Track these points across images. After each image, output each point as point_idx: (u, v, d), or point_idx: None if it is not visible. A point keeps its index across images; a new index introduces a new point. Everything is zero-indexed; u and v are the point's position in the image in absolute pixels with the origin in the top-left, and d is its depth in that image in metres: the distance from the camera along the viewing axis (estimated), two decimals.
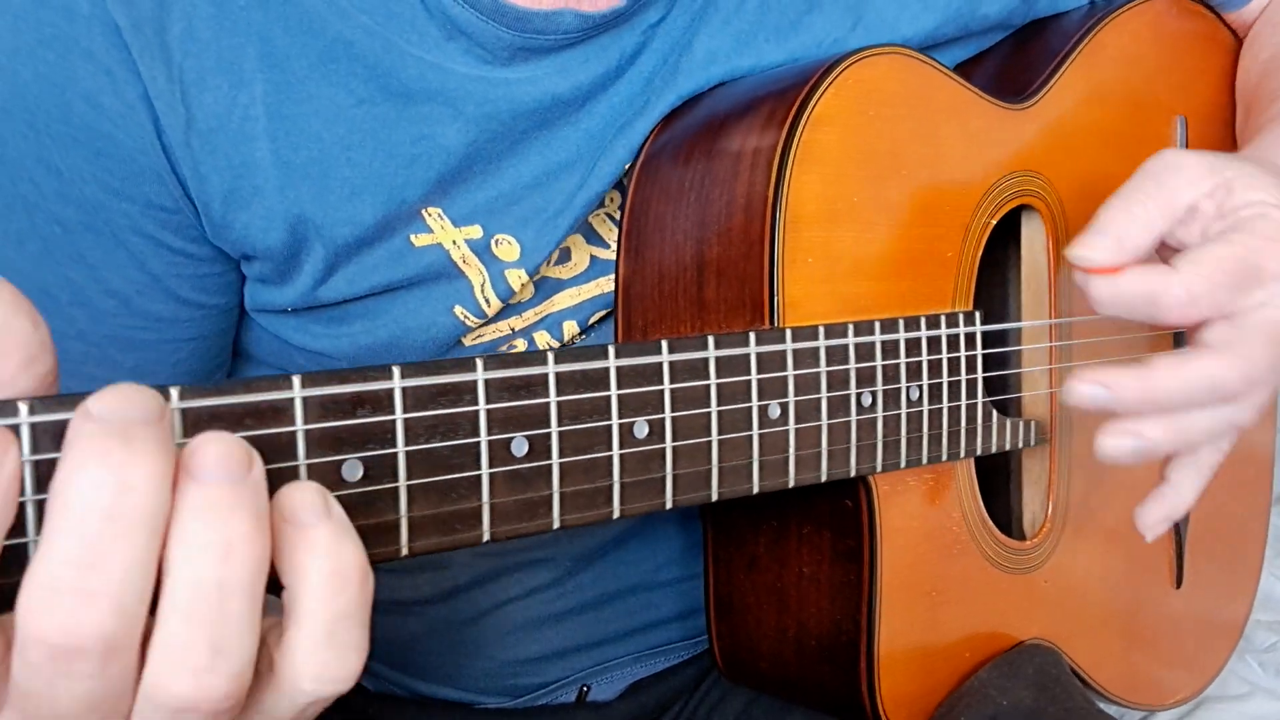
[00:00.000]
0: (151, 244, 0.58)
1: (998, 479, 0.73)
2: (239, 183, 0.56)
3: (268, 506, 0.33)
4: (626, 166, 0.63)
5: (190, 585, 0.31)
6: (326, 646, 0.33)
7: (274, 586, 0.34)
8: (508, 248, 0.61)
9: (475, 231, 0.61)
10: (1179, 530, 0.80)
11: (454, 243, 0.61)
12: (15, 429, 0.33)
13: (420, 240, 0.60)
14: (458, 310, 0.62)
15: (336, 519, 0.34)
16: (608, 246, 0.66)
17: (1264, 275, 0.53)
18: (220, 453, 0.32)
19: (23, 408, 0.33)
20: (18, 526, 0.33)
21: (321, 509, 0.34)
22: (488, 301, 0.62)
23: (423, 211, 0.60)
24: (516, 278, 0.62)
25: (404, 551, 0.41)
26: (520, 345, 0.66)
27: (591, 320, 0.67)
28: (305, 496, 0.34)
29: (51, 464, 0.32)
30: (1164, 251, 0.57)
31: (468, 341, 0.64)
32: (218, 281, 0.61)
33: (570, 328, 0.66)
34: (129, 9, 0.53)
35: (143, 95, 0.54)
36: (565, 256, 0.65)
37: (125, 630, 0.30)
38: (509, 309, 0.64)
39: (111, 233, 0.57)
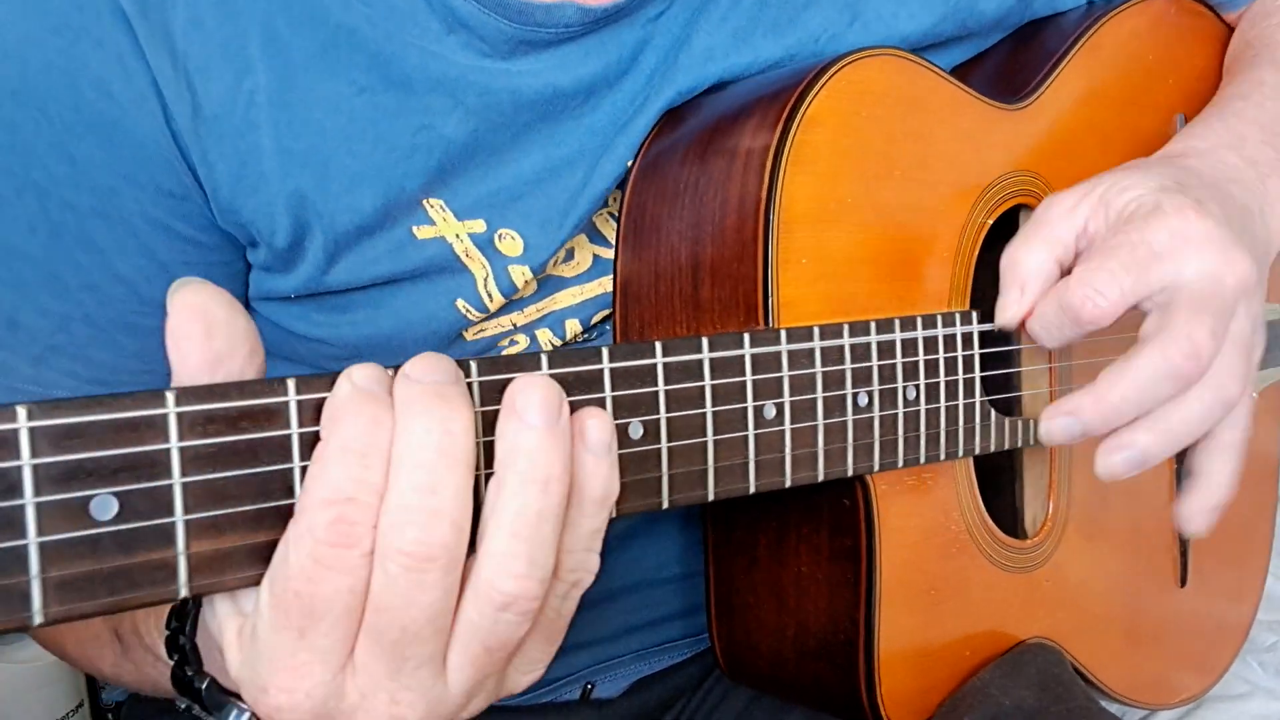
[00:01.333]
0: (161, 231, 0.58)
1: (999, 478, 0.73)
2: (244, 169, 0.57)
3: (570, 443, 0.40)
4: (629, 164, 0.63)
5: (516, 511, 0.38)
6: (586, 550, 0.42)
7: None
8: (511, 243, 0.62)
9: (479, 225, 0.61)
10: None
11: (457, 236, 0.61)
12: (15, 434, 0.33)
13: (423, 232, 0.61)
14: (459, 304, 0.63)
15: (614, 454, 0.42)
16: (610, 245, 0.66)
17: (1161, 252, 0.55)
18: (542, 398, 0.39)
19: (21, 412, 0.33)
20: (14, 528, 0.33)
21: (607, 444, 0.41)
22: (490, 296, 0.63)
23: (424, 202, 0.60)
24: (520, 274, 0.63)
25: None
26: (522, 341, 0.66)
27: (594, 320, 0.67)
28: (599, 431, 0.41)
29: (52, 467, 0.33)
30: None
31: (469, 335, 0.65)
32: (224, 270, 0.61)
33: (573, 326, 0.67)
34: None
35: (151, 82, 0.55)
36: (569, 255, 0.66)
37: (459, 542, 0.38)
38: (510, 304, 0.65)
39: (122, 219, 0.57)
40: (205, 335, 0.36)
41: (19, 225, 0.57)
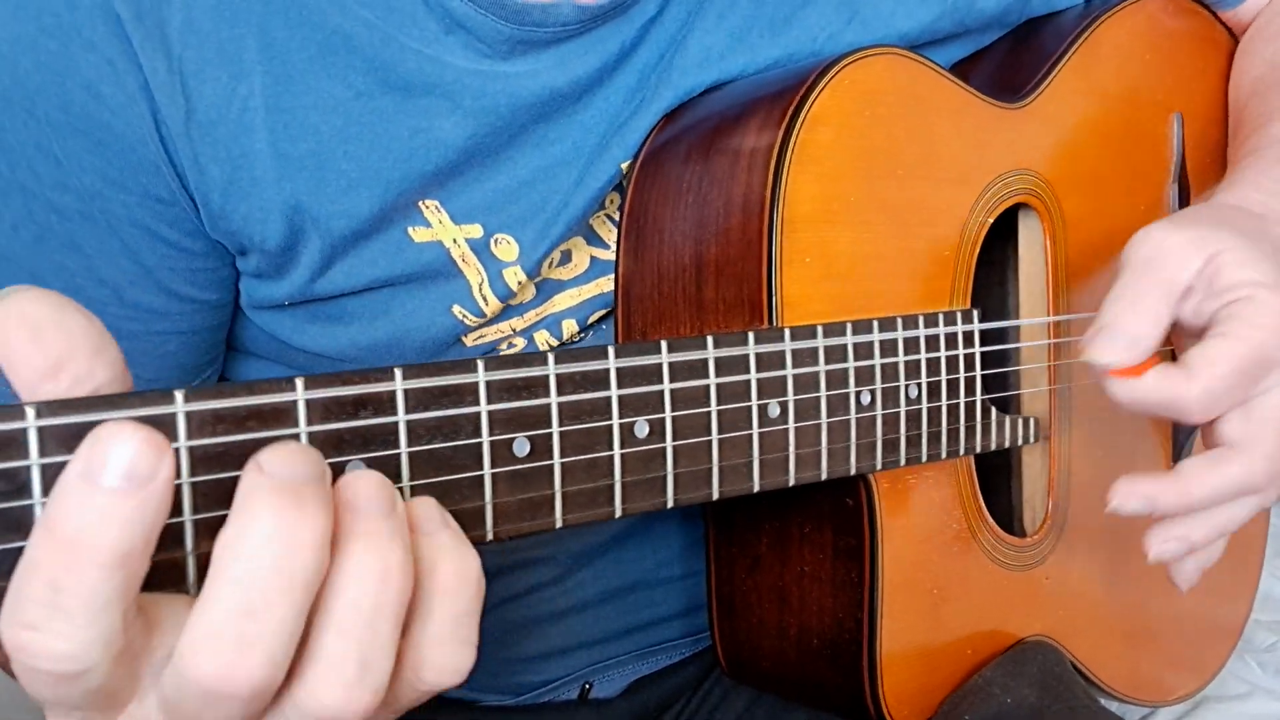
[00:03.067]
0: (146, 235, 0.58)
1: (998, 476, 0.73)
2: (237, 174, 0.57)
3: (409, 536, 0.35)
4: (623, 166, 0.63)
5: (350, 607, 0.33)
6: (451, 641, 0.36)
7: None
8: (507, 247, 0.62)
9: (475, 231, 0.61)
10: None
11: (454, 241, 0.61)
12: (24, 433, 0.33)
13: (419, 236, 0.60)
14: (456, 310, 0.63)
15: (453, 528, 0.37)
16: (608, 247, 0.66)
17: (1270, 364, 0.56)
18: (372, 487, 0.35)
19: (30, 411, 0.33)
20: (22, 529, 0.33)
21: (439, 519, 0.37)
22: (485, 301, 0.63)
23: (420, 204, 0.60)
24: (514, 277, 0.62)
25: None
26: (520, 344, 0.66)
27: (591, 319, 0.67)
28: (427, 509, 0.37)
29: (59, 468, 0.33)
30: None
31: (468, 342, 0.65)
32: (210, 277, 0.61)
33: (569, 326, 0.67)
34: (130, 0, 0.53)
35: (143, 86, 0.54)
36: (566, 258, 0.65)
37: (273, 678, 0.32)
38: (509, 310, 0.65)
39: (107, 222, 0.57)
40: (32, 338, 0.32)
41: (3, 225, 0.57)
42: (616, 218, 0.65)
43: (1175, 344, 0.61)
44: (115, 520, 0.30)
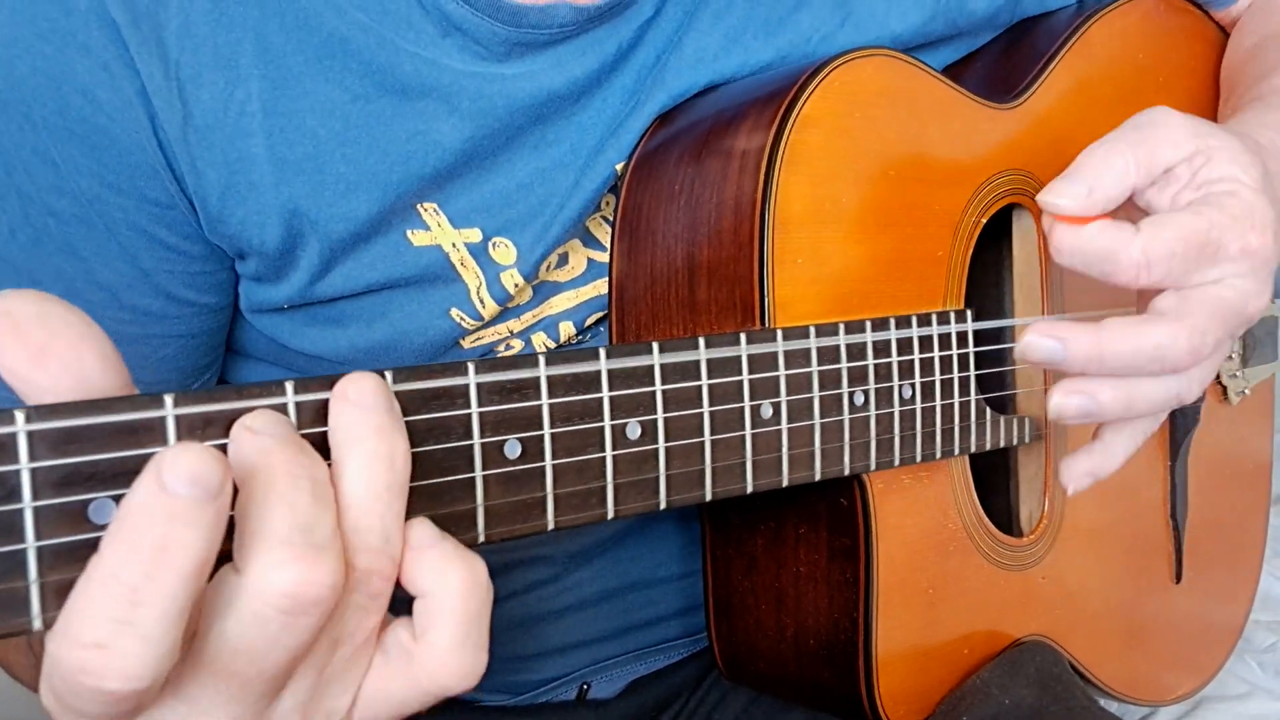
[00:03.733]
0: (144, 238, 0.58)
1: (994, 477, 0.73)
2: (235, 178, 0.57)
3: None
4: (619, 167, 0.63)
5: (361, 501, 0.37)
6: (464, 646, 0.38)
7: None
8: (504, 250, 0.62)
9: (474, 235, 0.61)
10: (1177, 526, 0.81)
11: (453, 245, 0.61)
12: (13, 438, 0.33)
13: (418, 239, 0.61)
14: (454, 313, 0.63)
15: (453, 540, 0.39)
16: (604, 249, 0.66)
17: (1221, 253, 0.54)
18: (373, 383, 0.38)
19: (19, 416, 0.33)
20: (13, 534, 0.33)
21: (438, 534, 0.39)
22: (483, 304, 0.63)
23: (418, 206, 0.60)
24: (512, 280, 0.63)
25: None
26: (517, 346, 0.66)
27: (588, 322, 0.67)
28: (425, 528, 0.39)
29: (49, 471, 0.33)
30: (1132, 211, 0.57)
31: (465, 344, 0.65)
32: (208, 280, 0.61)
33: (567, 328, 0.67)
34: (126, 5, 0.54)
35: (140, 90, 0.55)
36: (563, 261, 0.66)
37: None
38: (506, 312, 0.65)
39: (105, 226, 0.57)
40: (12, 330, 0.33)
41: (0, 230, 0.57)
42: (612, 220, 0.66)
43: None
44: (199, 526, 0.32)
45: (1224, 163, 0.55)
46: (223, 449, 0.37)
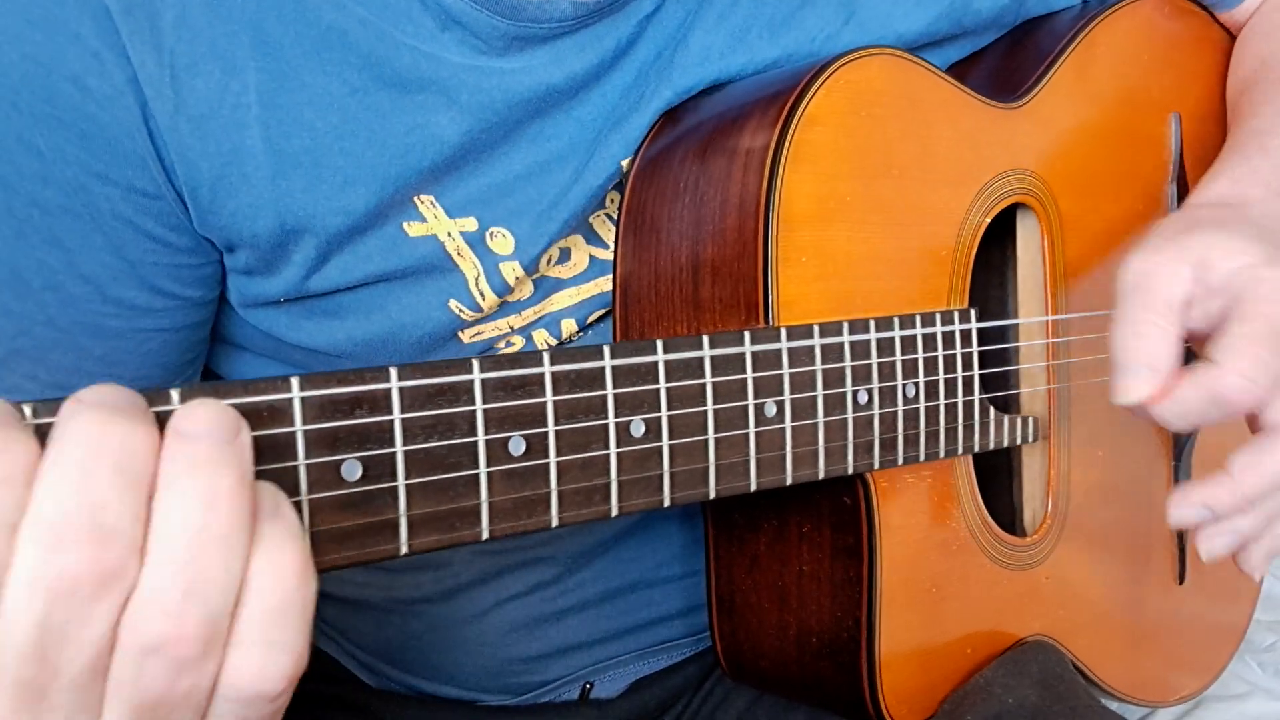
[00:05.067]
0: (131, 229, 0.58)
1: (998, 476, 0.73)
2: (228, 169, 0.57)
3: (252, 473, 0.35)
4: (623, 163, 0.63)
5: (174, 533, 0.33)
6: (258, 644, 0.34)
7: None
8: (502, 240, 0.62)
9: (470, 224, 0.61)
10: None
11: (449, 234, 0.61)
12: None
13: (414, 230, 0.61)
14: (453, 304, 0.63)
15: (286, 519, 0.35)
16: (607, 246, 0.66)
17: None
18: (209, 411, 0.34)
19: (27, 410, 0.34)
20: None
21: (270, 509, 0.35)
22: (483, 295, 0.63)
23: (415, 199, 0.60)
24: (511, 271, 0.63)
25: (404, 550, 0.42)
26: (518, 342, 0.66)
27: (590, 319, 0.67)
28: (265, 493, 0.35)
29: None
30: None
31: (465, 337, 0.65)
32: (194, 273, 0.61)
33: (568, 325, 0.67)
34: None
35: (131, 79, 0.54)
36: (565, 256, 0.66)
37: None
38: (507, 307, 0.65)
39: (91, 216, 0.57)
40: None
41: None
42: (616, 217, 0.66)
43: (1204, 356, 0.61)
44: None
45: (1222, 260, 0.57)
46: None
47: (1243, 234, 0.58)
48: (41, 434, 0.33)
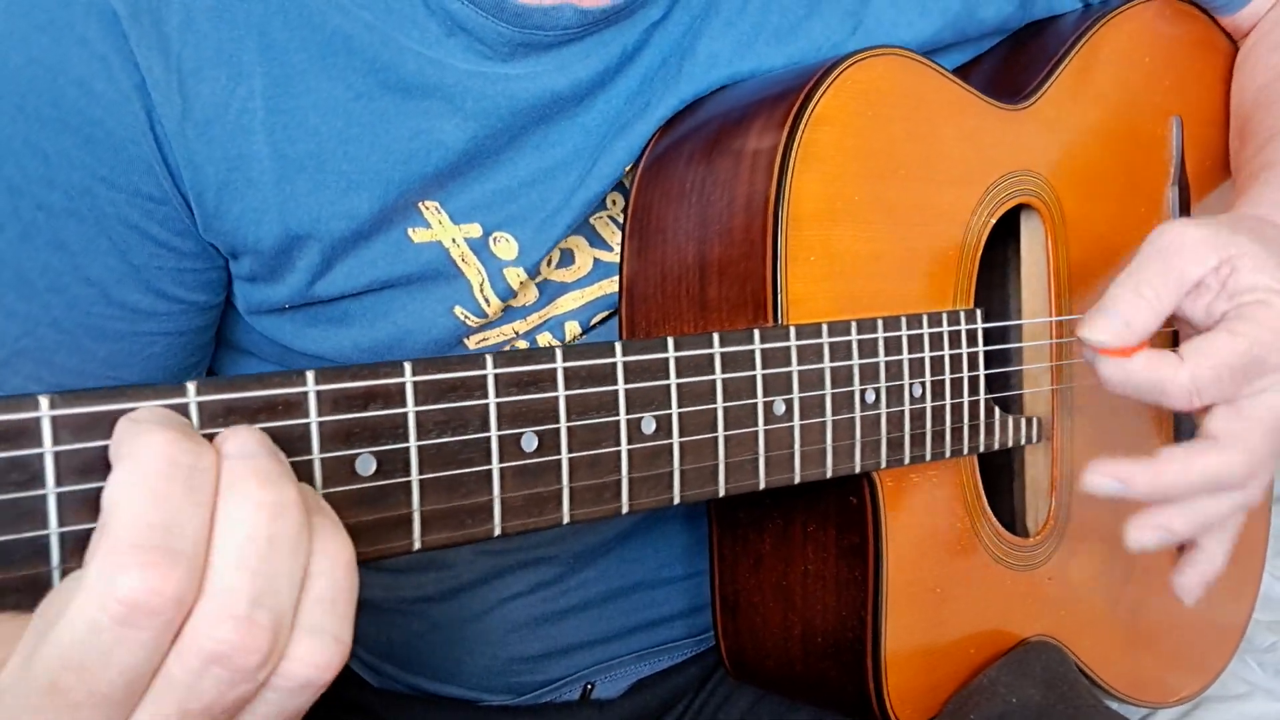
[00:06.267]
0: (135, 233, 0.58)
1: (1002, 477, 0.73)
2: (233, 174, 0.57)
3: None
4: (627, 169, 0.63)
5: (243, 545, 0.33)
6: (310, 632, 0.35)
7: None
8: (505, 246, 0.62)
9: (474, 230, 0.61)
10: None
11: (453, 240, 0.61)
12: (37, 423, 0.33)
13: (419, 236, 0.61)
14: (458, 310, 0.63)
15: (329, 514, 0.37)
16: (610, 249, 0.66)
17: (1265, 366, 0.56)
18: (253, 436, 0.36)
19: (44, 401, 0.33)
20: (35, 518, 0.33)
21: (316, 506, 0.36)
22: (487, 301, 0.63)
23: (419, 205, 0.60)
24: (515, 276, 0.63)
25: (416, 545, 0.42)
26: (522, 346, 0.66)
27: (594, 322, 0.67)
28: (305, 494, 0.36)
29: (71, 456, 0.33)
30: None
31: (470, 344, 0.65)
32: (198, 278, 0.61)
33: (572, 328, 0.67)
34: None
35: (138, 84, 0.54)
36: (569, 260, 0.66)
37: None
38: (511, 311, 0.65)
39: (95, 220, 0.57)
40: None
41: None
42: (620, 219, 0.66)
43: (1184, 339, 0.61)
44: None
45: (1249, 271, 0.58)
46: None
47: (1275, 258, 0.59)
48: (65, 425, 0.33)
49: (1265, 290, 0.57)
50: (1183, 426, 0.80)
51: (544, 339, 0.66)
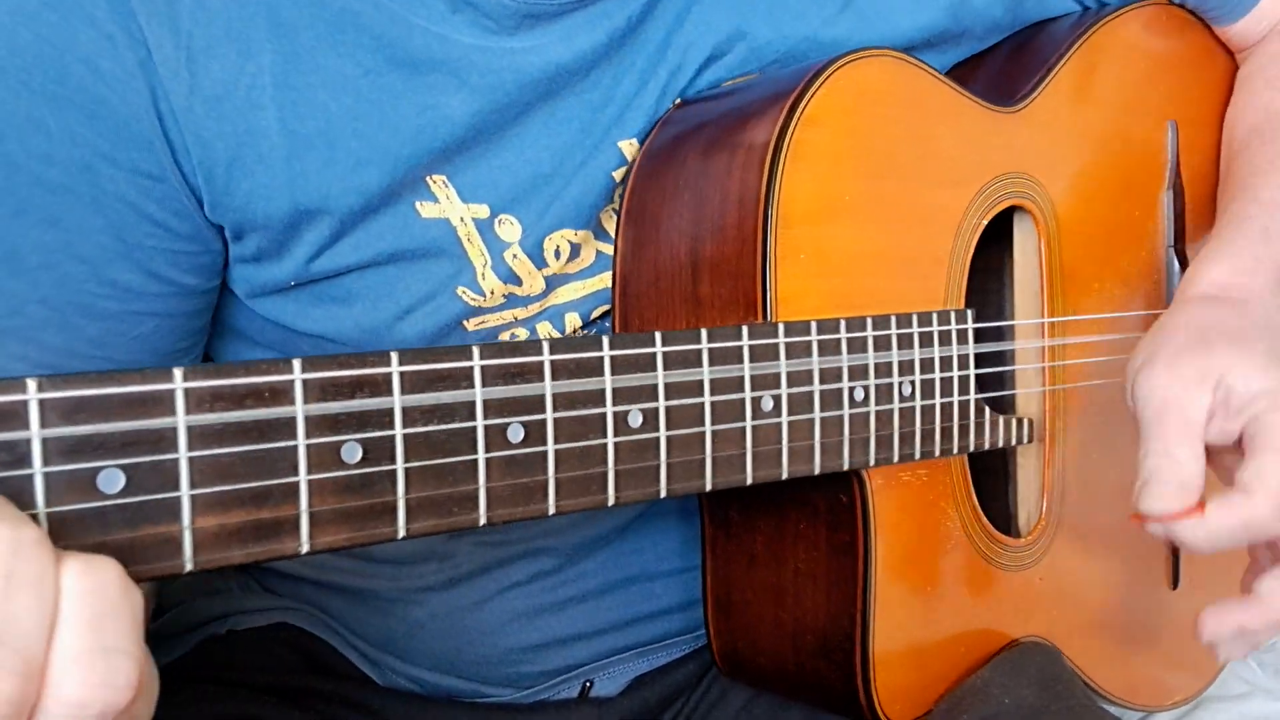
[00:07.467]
0: (132, 212, 0.58)
1: (994, 478, 0.73)
2: (243, 151, 0.57)
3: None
4: (627, 153, 0.64)
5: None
6: (76, 659, 0.33)
7: None
8: (509, 228, 0.63)
9: (482, 211, 0.62)
10: None
11: (461, 219, 0.62)
12: (24, 405, 0.34)
13: (427, 211, 0.61)
14: (460, 290, 0.63)
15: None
16: (613, 242, 0.67)
17: None
18: None
19: (31, 384, 0.34)
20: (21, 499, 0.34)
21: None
22: (489, 283, 0.63)
23: (428, 179, 0.61)
24: (514, 258, 0.63)
25: (401, 533, 0.42)
26: (522, 334, 0.67)
27: (594, 314, 0.68)
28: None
29: (58, 440, 0.34)
30: None
31: (470, 325, 0.65)
32: (192, 260, 0.61)
33: (573, 320, 0.67)
34: None
35: (143, 61, 0.55)
36: (575, 251, 0.66)
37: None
38: (514, 298, 0.65)
39: (93, 197, 0.57)
40: None
41: None
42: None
43: (1210, 464, 0.62)
44: None
45: (1242, 383, 0.60)
46: (230, 425, 0.37)
47: (1257, 351, 0.61)
48: (53, 408, 0.34)
49: (1265, 394, 0.59)
50: None
51: (544, 329, 0.67)
